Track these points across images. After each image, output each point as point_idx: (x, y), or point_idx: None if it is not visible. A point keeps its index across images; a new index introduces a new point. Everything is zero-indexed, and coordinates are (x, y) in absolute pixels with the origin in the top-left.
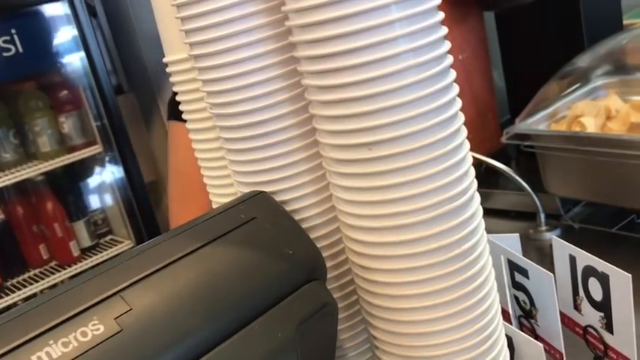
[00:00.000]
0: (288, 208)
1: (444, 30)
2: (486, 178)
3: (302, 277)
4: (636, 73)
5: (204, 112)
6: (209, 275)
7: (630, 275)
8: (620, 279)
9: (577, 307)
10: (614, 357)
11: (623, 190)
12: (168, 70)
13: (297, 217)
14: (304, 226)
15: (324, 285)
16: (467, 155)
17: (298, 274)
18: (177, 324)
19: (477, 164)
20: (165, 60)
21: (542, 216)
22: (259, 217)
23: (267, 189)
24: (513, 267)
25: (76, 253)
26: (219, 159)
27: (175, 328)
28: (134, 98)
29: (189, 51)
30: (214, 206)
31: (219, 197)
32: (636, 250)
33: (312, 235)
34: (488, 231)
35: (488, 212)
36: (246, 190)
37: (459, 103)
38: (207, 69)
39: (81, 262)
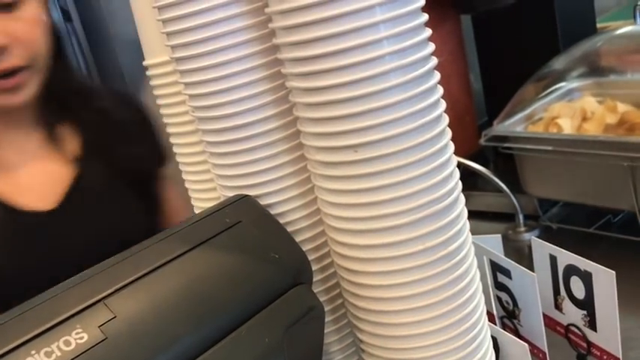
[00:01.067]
0: (273, 212)
1: (428, 31)
2: (465, 180)
3: (288, 281)
4: (610, 75)
5: (185, 116)
6: (195, 280)
7: (614, 272)
8: (604, 276)
9: (558, 307)
10: (598, 354)
11: (599, 190)
12: (148, 73)
13: (282, 221)
14: (290, 229)
15: (310, 289)
16: (452, 156)
17: (284, 278)
18: (163, 331)
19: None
20: (145, 63)
21: (521, 217)
22: (244, 220)
23: (251, 193)
24: (496, 268)
25: None
26: (201, 163)
27: (161, 334)
28: None
29: (170, 54)
30: (197, 211)
31: (202, 202)
32: (613, 249)
33: (298, 239)
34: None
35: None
36: (230, 194)
37: (443, 104)
38: (189, 72)
39: None
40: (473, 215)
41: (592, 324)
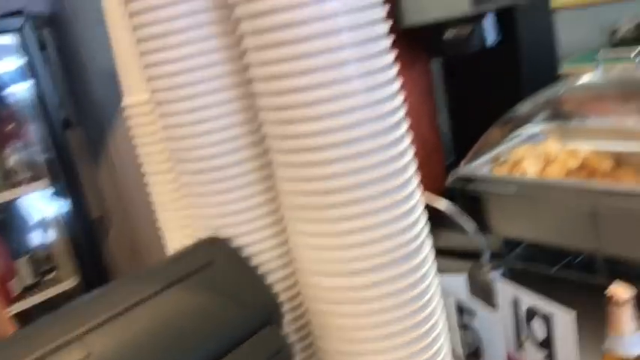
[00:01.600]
0: (246, 252)
1: (398, 83)
2: (432, 218)
3: (258, 322)
4: (572, 120)
5: (162, 155)
6: (166, 321)
7: (574, 312)
8: (563, 318)
9: (521, 347)
10: None
11: (561, 232)
12: (126, 114)
13: (254, 262)
14: (261, 269)
15: (278, 330)
16: (419, 201)
17: (254, 319)
18: None
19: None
20: (124, 103)
21: (487, 256)
22: (216, 262)
23: (225, 233)
24: (462, 308)
25: (17, 291)
26: (176, 200)
27: None
28: (82, 133)
29: (150, 96)
30: (169, 249)
31: (174, 242)
32: (574, 290)
33: (270, 279)
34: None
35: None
36: (204, 233)
37: (411, 150)
38: (168, 115)
39: (21, 300)
40: (440, 253)
41: None
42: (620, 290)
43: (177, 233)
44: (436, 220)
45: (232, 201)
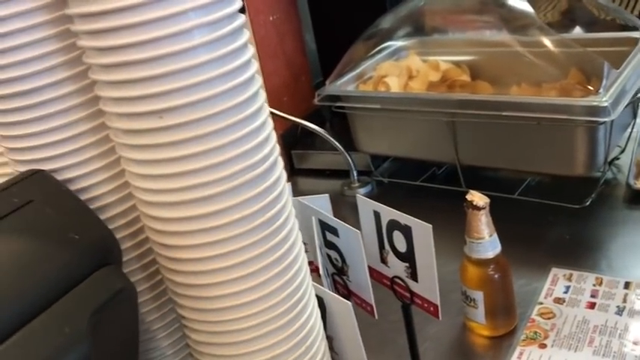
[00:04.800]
0: (73, 187)
1: None
2: (302, 139)
3: (91, 263)
4: (433, 34)
5: None
6: None
7: (431, 225)
8: (421, 230)
9: (384, 260)
10: (420, 302)
11: (424, 145)
12: None
13: (85, 197)
14: (94, 205)
15: (118, 269)
16: (267, 120)
17: (86, 260)
18: None
19: (293, 126)
20: None
21: (355, 173)
22: (37, 199)
23: (47, 167)
24: (324, 227)
25: None
26: None
27: None
28: None
29: None
30: None
31: None
32: (438, 199)
33: (105, 215)
34: (306, 191)
35: (305, 172)
36: (24, 169)
37: (254, 65)
38: None
39: None
40: (311, 173)
41: (414, 275)
42: (476, 197)
43: None
44: (307, 141)
45: (52, 130)
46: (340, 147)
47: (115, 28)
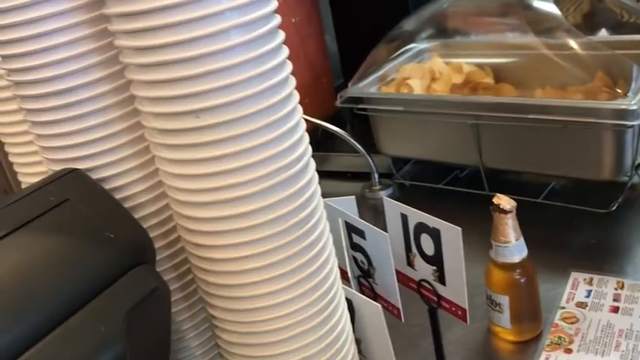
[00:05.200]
0: (108, 186)
1: None
2: (323, 141)
3: (126, 262)
4: (456, 36)
5: (3, 81)
6: (14, 269)
7: (460, 228)
8: (450, 233)
9: (410, 264)
10: (447, 306)
11: (447, 147)
12: None
13: (119, 196)
14: (128, 204)
15: (152, 268)
16: (300, 121)
17: (121, 259)
18: None
19: (314, 128)
20: None
21: (376, 176)
22: (72, 198)
23: (82, 166)
24: (351, 229)
25: None
26: (24, 133)
27: None
28: None
29: None
30: (23, 187)
31: (29, 177)
32: (461, 202)
33: (139, 214)
34: (327, 194)
35: (325, 175)
36: (58, 168)
37: (289, 66)
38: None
39: None
40: (332, 176)
41: (441, 278)
42: (503, 200)
43: (28, 169)
44: (328, 143)
45: (87, 129)
46: (362, 149)
47: (152, 28)
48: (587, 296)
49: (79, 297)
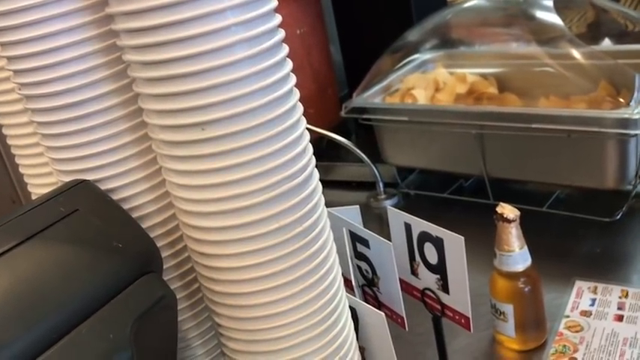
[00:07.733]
0: (116, 197)
1: (274, 2)
2: (328, 151)
3: (134, 271)
4: (460, 47)
5: (14, 94)
6: (24, 278)
7: (463, 237)
8: (454, 242)
9: (414, 272)
10: (451, 315)
11: (451, 157)
12: None
13: (127, 206)
14: (136, 215)
15: (159, 277)
16: (304, 132)
17: (129, 268)
18: None
19: (319, 138)
20: None
21: (381, 185)
22: (82, 208)
23: (91, 177)
24: (355, 238)
25: None
26: (35, 145)
27: None
28: None
29: None
30: (33, 198)
31: (39, 188)
32: (466, 211)
33: (146, 224)
34: (332, 203)
35: (330, 184)
36: (68, 179)
37: (293, 79)
38: (11, 44)
39: None
40: (337, 185)
41: (445, 287)
42: (507, 209)
43: (38, 180)
44: (333, 153)
45: (96, 142)
46: (367, 159)
47: (160, 43)
48: (592, 305)
49: (88, 305)
